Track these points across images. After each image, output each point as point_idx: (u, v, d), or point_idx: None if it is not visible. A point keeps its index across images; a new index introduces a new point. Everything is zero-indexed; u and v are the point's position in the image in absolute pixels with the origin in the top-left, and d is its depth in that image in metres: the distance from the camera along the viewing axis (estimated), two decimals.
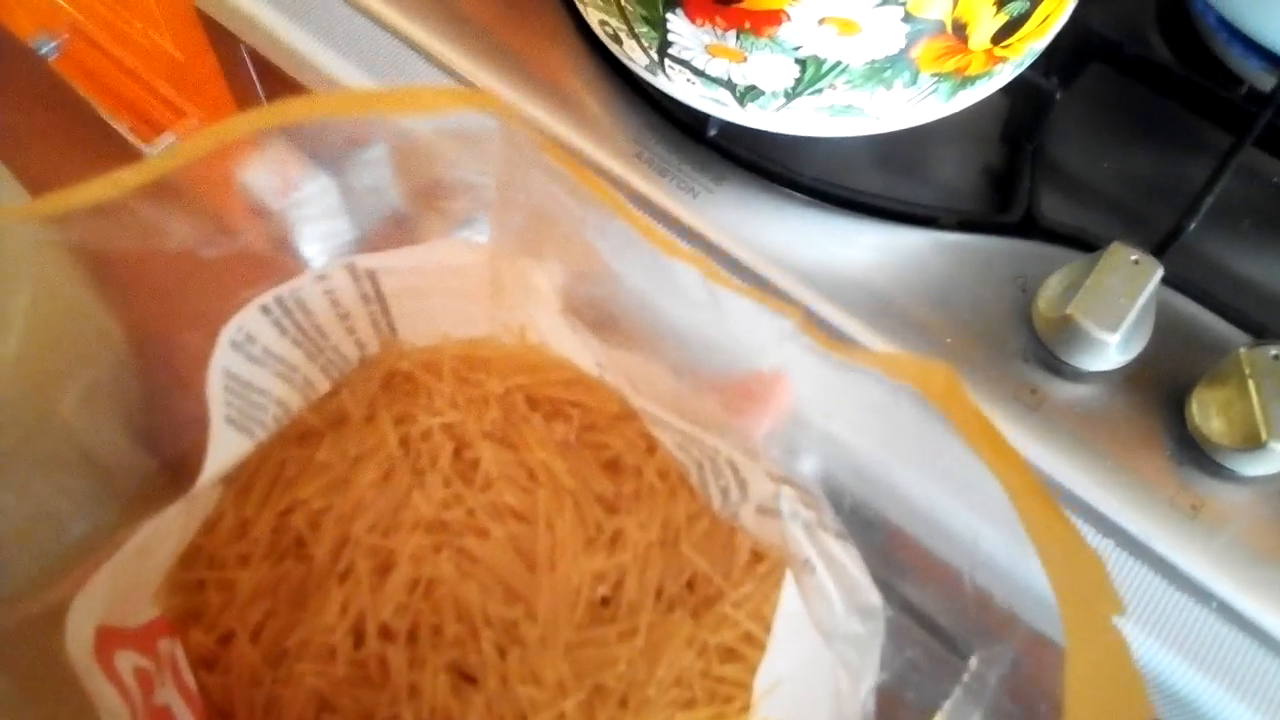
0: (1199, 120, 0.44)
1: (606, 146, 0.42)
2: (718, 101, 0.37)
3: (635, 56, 0.38)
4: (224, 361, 0.19)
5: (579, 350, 0.21)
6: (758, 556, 0.20)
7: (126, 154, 0.30)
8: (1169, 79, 0.44)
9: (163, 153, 0.15)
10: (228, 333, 0.19)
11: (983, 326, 0.38)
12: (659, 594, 0.20)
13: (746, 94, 0.36)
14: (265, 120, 0.15)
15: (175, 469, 0.19)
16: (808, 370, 0.17)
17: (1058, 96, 0.41)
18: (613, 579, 0.20)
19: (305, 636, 0.19)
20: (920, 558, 0.48)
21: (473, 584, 0.19)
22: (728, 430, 0.19)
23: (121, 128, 0.87)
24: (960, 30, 0.33)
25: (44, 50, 0.87)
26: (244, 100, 0.61)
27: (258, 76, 0.55)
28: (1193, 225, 0.39)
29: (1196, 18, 0.47)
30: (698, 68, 0.36)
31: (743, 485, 0.19)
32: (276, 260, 0.20)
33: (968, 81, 0.36)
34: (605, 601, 0.20)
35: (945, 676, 0.24)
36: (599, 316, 0.19)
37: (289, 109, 0.15)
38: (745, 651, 0.20)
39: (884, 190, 0.42)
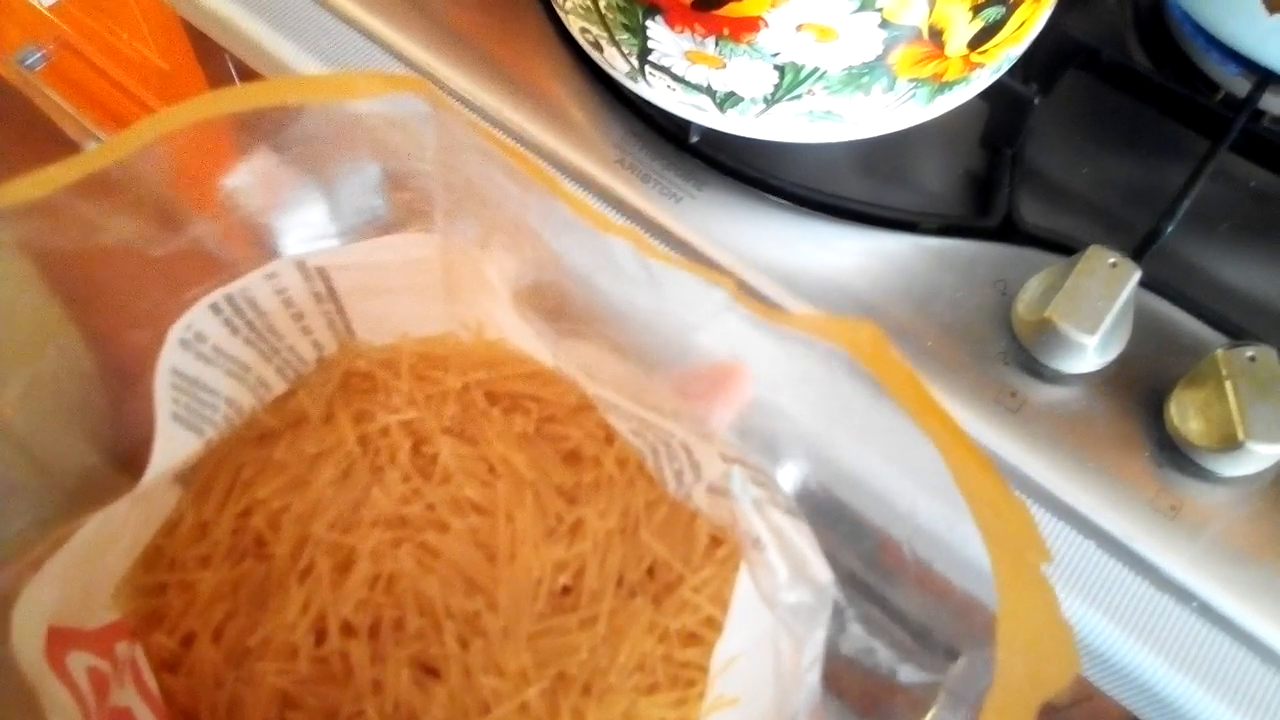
0: (1177, 126, 0.44)
1: (589, 154, 0.42)
2: (698, 108, 0.38)
3: (616, 64, 0.38)
4: (172, 360, 0.19)
5: (533, 342, 0.21)
6: (716, 541, 0.20)
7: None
8: (1146, 85, 0.44)
9: (95, 149, 0.15)
10: (176, 331, 0.19)
11: (963, 330, 0.39)
12: (620, 581, 0.20)
13: (726, 100, 0.37)
14: (199, 112, 0.15)
15: (124, 465, 0.19)
16: (752, 347, 0.17)
17: (1036, 102, 0.41)
18: (573, 568, 0.20)
19: (267, 635, 0.19)
20: (909, 563, 0.48)
21: (433, 578, 0.19)
22: (683, 416, 0.19)
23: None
24: (937, 36, 0.34)
25: (29, 62, 0.87)
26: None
27: (241, 83, 0.55)
28: (1170, 228, 0.39)
29: (1173, 24, 0.48)
30: (678, 74, 0.36)
31: (695, 467, 0.20)
32: (227, 257, 0.20)
33: (945, 87, 0.36)
34: (566, 590, 0.20)
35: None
36: (550, 306, 0.19)
37: (223, 99, 0.15)
38: (706, 635, 0.20)
39: (866, 196, 0.42)
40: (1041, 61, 0.44)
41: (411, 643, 0.19)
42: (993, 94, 0.40)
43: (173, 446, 0.19)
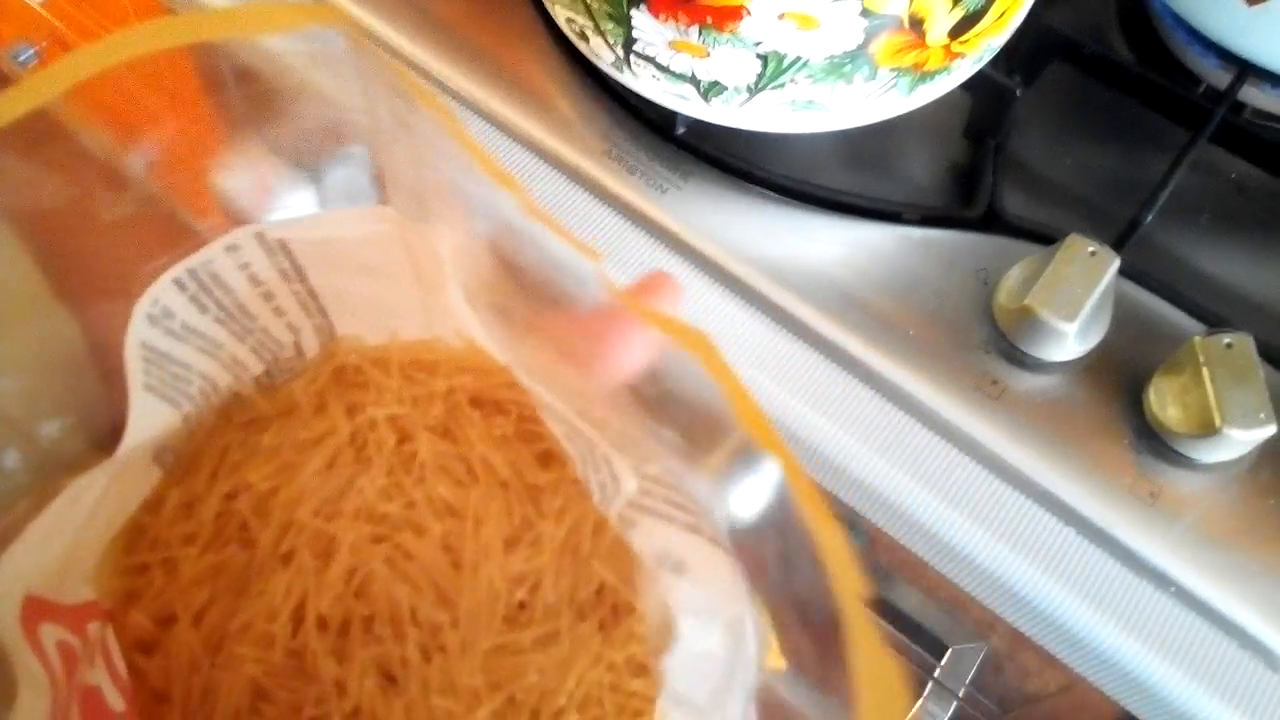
0: (1159, 118, 0.45)
1: (576, 145, 0.42)
2: (682, 97, 0.38)
3: (601, 53, 0.39)
4: (140, 334, 0.19)
5: (481, 334, 0.21)
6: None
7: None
8: (1127, 77, 0.45)
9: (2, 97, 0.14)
10: (142, 306, 0.19)
11: (945, 319, 0.39)
12: (570, 599, 0.20)
13: (710, 89, 0.37)
14: (111, 56, 0.15)
15: (99, 434, 0.19)
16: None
17: (1019, 94, 0.42)
18: (530, 583, 0.20)
19: (246, 621, 0.19)
20: (899, 562, 0.48)
21: (404, 584, 0.19)
22: (596, 400, 0.19)
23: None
24: (917, 25, 0.34)
25: (22, 58, 0.87)
26: (222, 105, 0.61)
27: (235, 81, 0.56)
28: (1149, 218, 0.39)
29: (1155, 17, 0.48)
30: (662, 64, 0.37)
31: (615, 480, 0.19)
32: (190, 224, 0.19)
33: (926, 77, 0.37)
34: (523, 606, 0.20)
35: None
36: (499, 303, 0.19)
37: (133, 39, 0.15)
38: (654, 665, 0.20)
39: (850, 186, 0.42)
40: (1025, 53, 0.44)
41: (376, 646, 0.19)
42: (975, 85, 0.41)
43: (148, 418, 0.19)
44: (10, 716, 0.16)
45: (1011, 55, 0.42)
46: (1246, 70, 0.43)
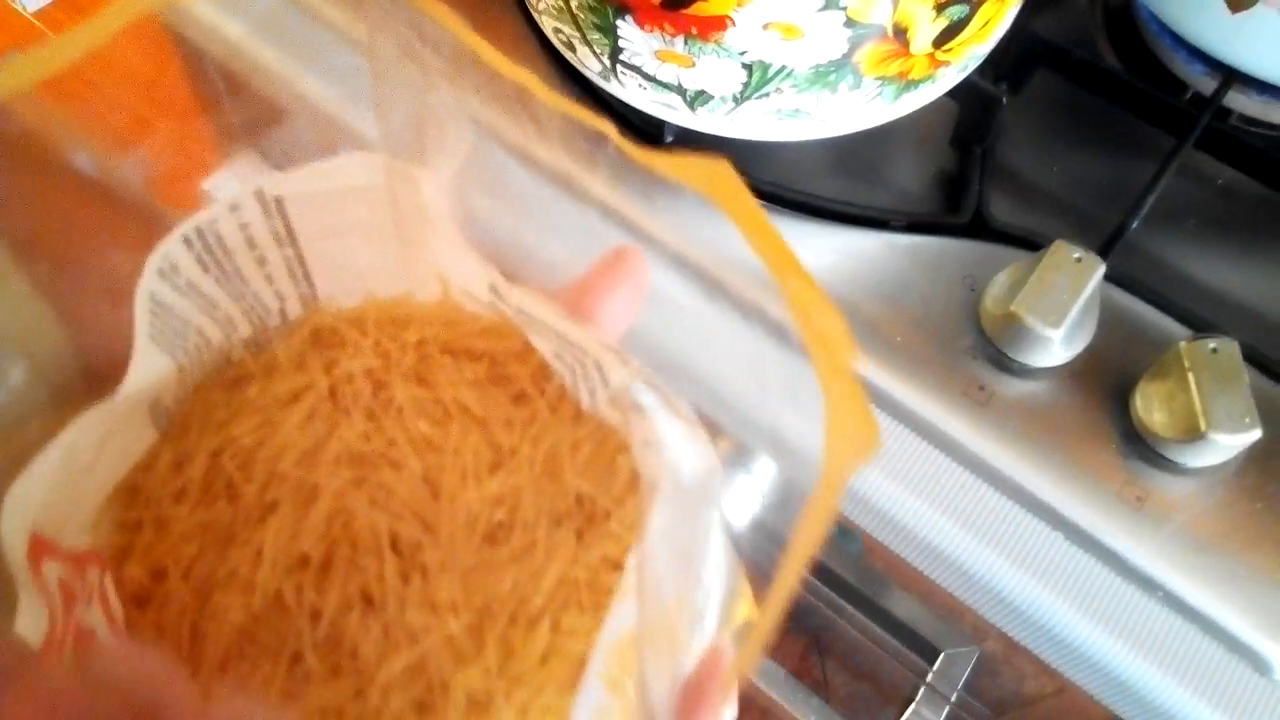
0: (1146, 124, 0.45)
1: (564, 153, 0.43)
2: (669, 106, 0.38)
3: (589, 63, 0.39)
4: (150, 287, 0.20)
5: (472, 269, 0.22)
6: (638, 475, 0.21)
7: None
8: (1114, 84, 0.45)
9: None
10: (154, 261, 0.20)
11: (933, 325, 0.39)
12: (549, 512, 0.21)
13: (696, 99, 0.37)
14: (73, 48, 0.15)
15: (100, 377, 0.20)
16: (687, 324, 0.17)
17: (1004, 101, 0.42)
18: (509, 504, 0.21)
19: (231, 569, 0.20)
20: (894, 568, 0.48)
21: (384, 514, 0.20)
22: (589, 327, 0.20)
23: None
24: (901, 35, 0.34)
25: None
26: (214, 113, 0.61)
27: (225, 89, 0.56)
28: (1135, 224, 0.40)
29: (1142, 24, 0.48)
30: (648, 73, 0.37)
31: (605, 382, 0.21)
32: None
33: (911, 85, 0.37)
34: (501, 525, 0.21)
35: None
36: (487, 255, 0.20)
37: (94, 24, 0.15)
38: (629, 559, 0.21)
39: (838, 194, 0.42)
40: (1011, 61, 0.44)
41: (358, 576, 0.20)
42: (962, 93, 0.41)
43: (147, 364, 0.20)
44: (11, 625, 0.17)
45: (998, 63, 0.42)
46: (1232, 76, 0.43)
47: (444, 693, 0.19)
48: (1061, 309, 0.36)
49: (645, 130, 0.42)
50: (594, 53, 0.38)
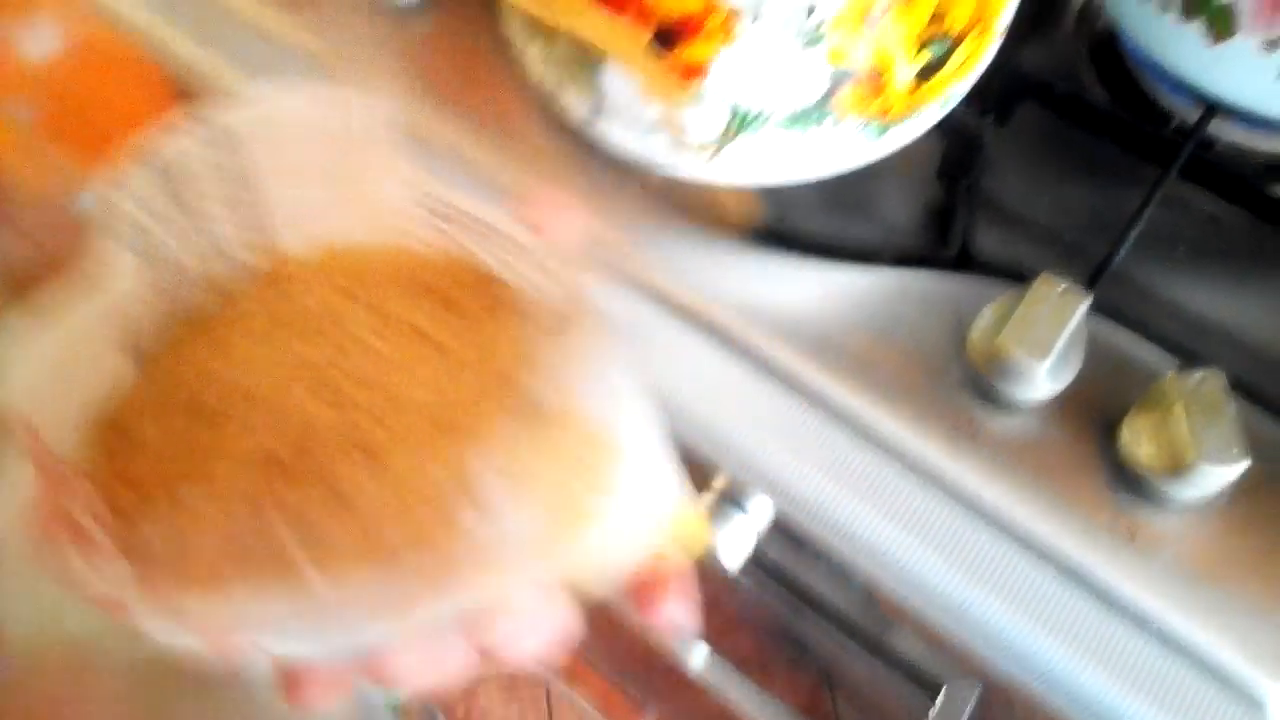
0: (1131, 155, 0.45)
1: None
2: (653, 151, 0.39)
3: (573, 109, 0.39)
4: (112, 200, 0.23)
5: (408, 181, 0.25)
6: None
7: None
8: (1098, 116, 0.45)
9: None
10: (114, 178, 0.23)
11: (922, 360, 0.39)
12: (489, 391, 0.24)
13: (678, 144, 0.37)
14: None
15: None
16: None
17: (989, 135, 0.42)
18: (453, 394, 0.23)
19: (207, 472, 0.22)
20: (894, 606, 0.48)
21: (344, 415, 0.22)
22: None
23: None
24: (881, 74, 0.35)
25: (21, 116, 0.89)
26: None
27: None
28: (1121, 254, 0.40)
29: (1127, 56, 0.49)
30: (631, 118, 0.37)
31: (519, 250, 0.24)
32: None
33: (894, 124, 0.37)
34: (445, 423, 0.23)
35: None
36: None
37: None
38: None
39: (824, 230, 0.43)
40: (996, 94, 0.45)
41: (321, 469, 0.22)
42: (946, 127, 0.41)
43: (123, 272, 0.23)
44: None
45: (983, 96, 0.42)
46: (1214, 107, 0.43)
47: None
48: (1047, 342, 0.36)
49: (634, 171, 0.43)
50: (578, 98, 0.38)
